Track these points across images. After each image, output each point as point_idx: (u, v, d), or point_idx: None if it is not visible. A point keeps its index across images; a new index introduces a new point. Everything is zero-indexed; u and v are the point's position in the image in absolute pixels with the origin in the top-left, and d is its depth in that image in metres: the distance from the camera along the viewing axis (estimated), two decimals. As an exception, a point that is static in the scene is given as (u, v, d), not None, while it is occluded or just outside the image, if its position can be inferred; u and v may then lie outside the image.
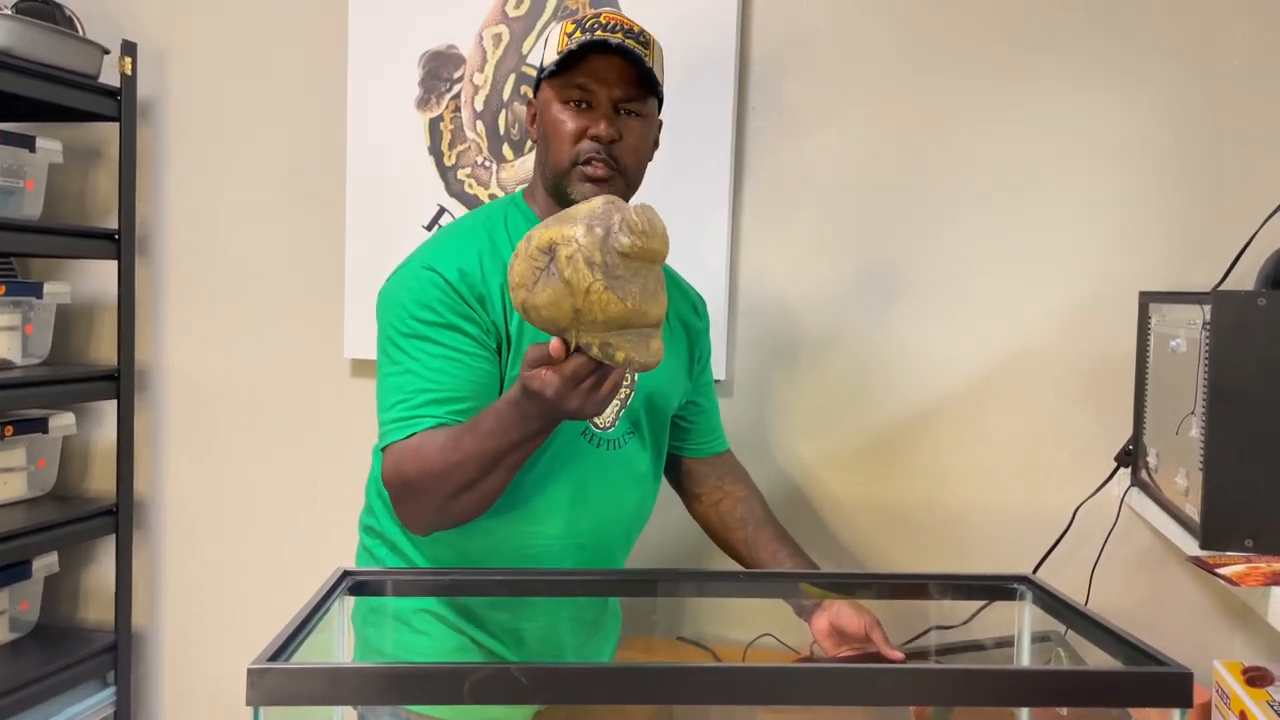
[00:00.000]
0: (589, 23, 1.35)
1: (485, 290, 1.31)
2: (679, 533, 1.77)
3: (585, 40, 1.32)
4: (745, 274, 1.97)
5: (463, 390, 1.28)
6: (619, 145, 1.35)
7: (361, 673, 0.92)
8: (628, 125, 1.36)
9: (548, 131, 1.36)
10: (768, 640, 1.85)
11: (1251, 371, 1.28)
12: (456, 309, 1.29)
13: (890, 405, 1.92)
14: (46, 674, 2.09)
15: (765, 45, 1.94)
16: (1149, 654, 0.92)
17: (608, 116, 1.34)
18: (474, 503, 1.25)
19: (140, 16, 2.28)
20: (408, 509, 1.28)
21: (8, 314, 2.17)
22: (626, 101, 1.35)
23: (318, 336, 2.20)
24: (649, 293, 0.98)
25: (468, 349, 1.29)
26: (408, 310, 1.30)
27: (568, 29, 1.36)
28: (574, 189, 1.35)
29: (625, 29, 1.35)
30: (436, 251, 1.35)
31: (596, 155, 1.34)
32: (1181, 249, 1.79)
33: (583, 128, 1.34)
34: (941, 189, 1.88)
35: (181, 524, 2.34)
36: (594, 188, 1.34)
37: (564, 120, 1.34)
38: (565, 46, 1.34)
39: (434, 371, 1.27)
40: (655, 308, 0.99)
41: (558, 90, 1.35)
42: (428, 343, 1.28)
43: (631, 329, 1.00)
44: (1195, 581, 1.79)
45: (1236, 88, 1.76)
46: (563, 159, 1.35)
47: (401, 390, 1.28)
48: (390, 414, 1.28)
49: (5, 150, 2.09)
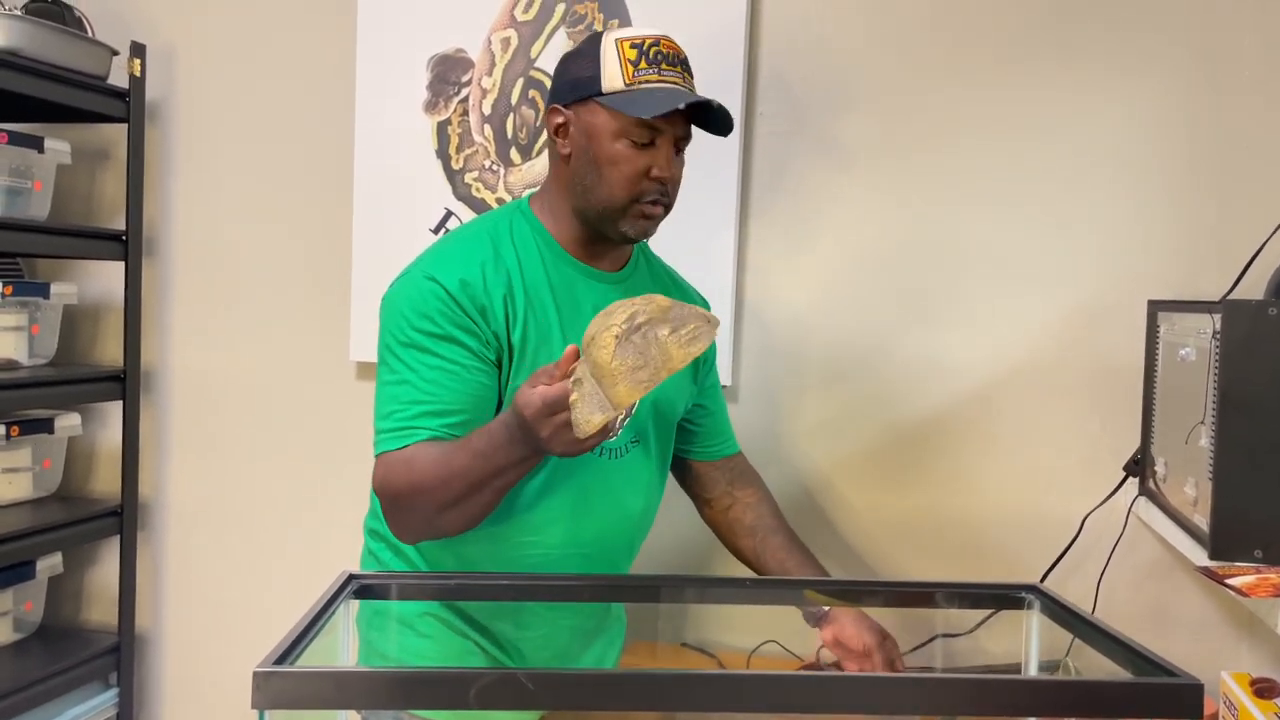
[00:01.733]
0: (651, 52, 1.32)
1: (488, 301, 1.31)
2: (684, 537, 1.77)
3: (660, 87, 1.30)
4: (752, 281, 1.96)
5: (458, 403, 1.28)
6: (674, 183, 1.36)
7: (367, 676, 0.92)
8: (680, 160, 1.37)
9: (602, 162, 1.33)
10: (771, 648, 1.85)
11: (1262, 381, 1.28)
12: (456, 320, 1.29)
13: (898, 413, 1.91)
14: (49, 675, 2.09)
15: (773, 53, 1.94)
16: (1159, 664, 0.92)
17: (670, 158, 1.34)
18: (461, 519, 1.26)
19: (150, 18, 2.29)
20: (396, 518, 1.29)
21: (14, 314, 2.17)
22: (682, 140, 1.36)
23: (323, 339, 2.20)
24: (638, 377, 1.08)
25: (465, 361, 1.29)
26: (407, 320, 1.30)
27: (629, 54, 1.31)
28: (628, 226, 1.34)
29: (682, 60, 1.35)
30: (439, 260, 1.34)
31: (660, 197, 1.34)
32: (1190, 258, 1.78)
33: (646, 167, 1.32)
34: (950, 197, 1.87)
35: (186, 526, 2.34)
36: (646, 224, 1.35)
37: (629, 157, 1.32)
38: (634, 80, 1.30)
39: (430, 383, 1.28)
40: (628, 388, 1.08)
41: (625, 126, 1.31)
42: (426, 354, 1.29)
43: (599, 406, 1.09)
44: (1201, 591, 1.78)
45: (1246, 96, 1.75)
46: (619, 195, 1.33)
47: (397, 400, 1.28)
48: (385, 423, 1.28)
49: (14, 151, 2.09)
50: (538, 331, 1.33)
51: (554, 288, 1.36)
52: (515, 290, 1.33)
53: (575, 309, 1.37)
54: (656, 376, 1.07)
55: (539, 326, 1.33)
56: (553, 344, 1.34)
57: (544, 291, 1.35)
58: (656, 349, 1.07)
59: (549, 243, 1.39)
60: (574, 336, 1.35)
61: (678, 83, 1.33)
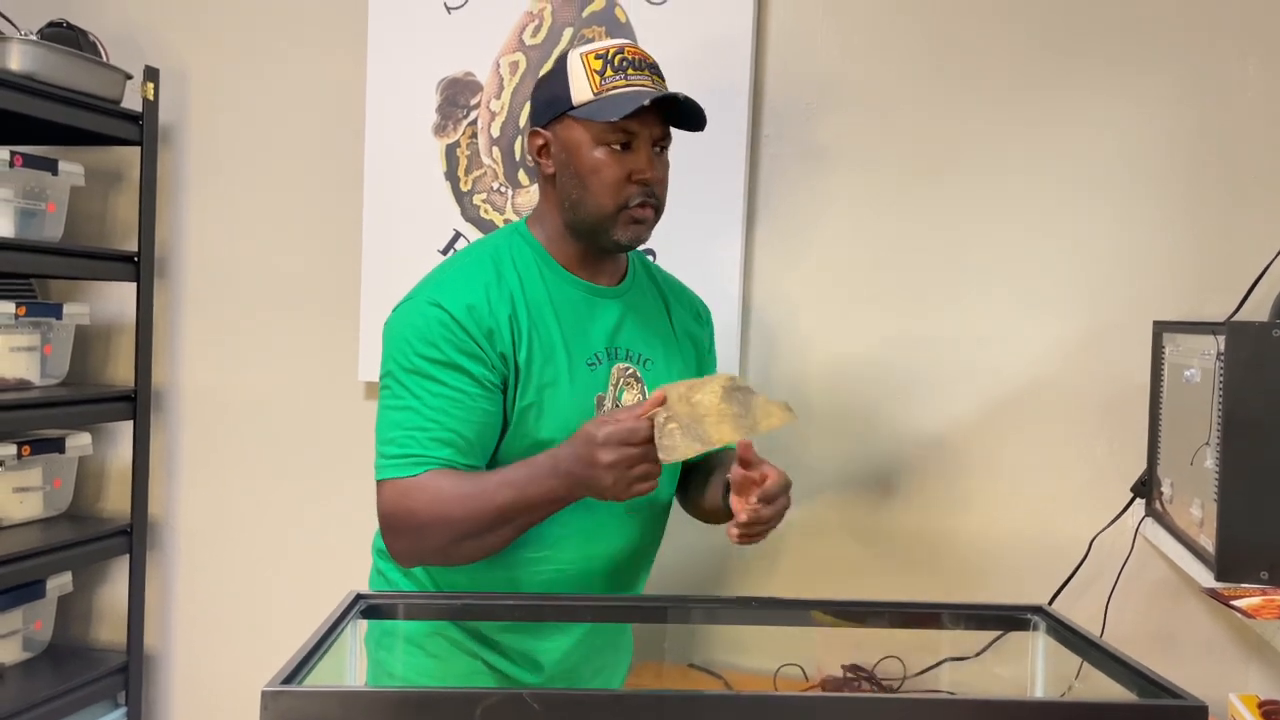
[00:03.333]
0: (615, 59, 1.34)
1: (494, 324, 1.32)
2: (691, 558, 1.77)
3: (626, 91, 1.32)
4: (758, 302, 1.97)
5: (463, 430, 1.29)
6: (658, 183, 1.37)
7: (375, 697, 0.93)
8: (661, 162, 1.38)
9: (584, 174, 1.35)
10: (791, 670, 1.84)
11: (1267, 402, 1.28)
12: (462, 347, 1.30)
13: (903, 434, 1.91)
14: (58, 694, 2.10)
15: (779, 72, 1.95)
16: (1164, 687, 0.92)
17: (652, 159, 1.35)
18: (477, 551, 1.28)
19: (163, 43, 2.31)
20: (406, 544, 1.30)
21: (27, 334, 2.19)
22: (661, 140, 1.37)
23: (333, 359, 2.21)
24: (740, 423, 1.21)
25: (469, 389, 1.30)
26: (412, 346, 1.31)
27: (594, 65, 1.34)
28: (620, 233, 1.36)
29: (649, 65, 1.36)
30: (443, 285, 1.35)
31: (647, 199, 1.35)
32: (1195, 279, 1.78)
33: (627, 172, 1.34)
34: (955, 216, 1.88)
35: (195, 545, 2.34)
36: (638, 229, 1.36)
37: (608, 163, 1.34)
38: (601, 88, 1.33)
39: (435, 410, 1.28)
40: (732, 428, 1.20)
41: (599, 134, 1.34)
42: (431, 380, 1.29)
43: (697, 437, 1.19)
44: (1209, 612, 1.78)
45: (1250, 118, 1.76)
46: (607, 203, 1.34)
47: (401, 425, 1.29)
48: (390, 448, 1.29)
49: (28, 173, 2.12)
50: (542, 350, 1.34)
51: (556, 306, 1.37)
52: (519, 311, 1.34)
53: (578, 325, 1.38)
54: (756, 427, 1.19)
55: (543, 345, 1.34)
56: (557, 362, 1.35)
57: (546, 310, 1.36)
58: (758, 405, 1.21)
59: (548, 262, 1.40)
60: (577, 353, 1.36)
61: (646, 85, 1.34)
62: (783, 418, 1.20)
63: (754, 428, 1.19)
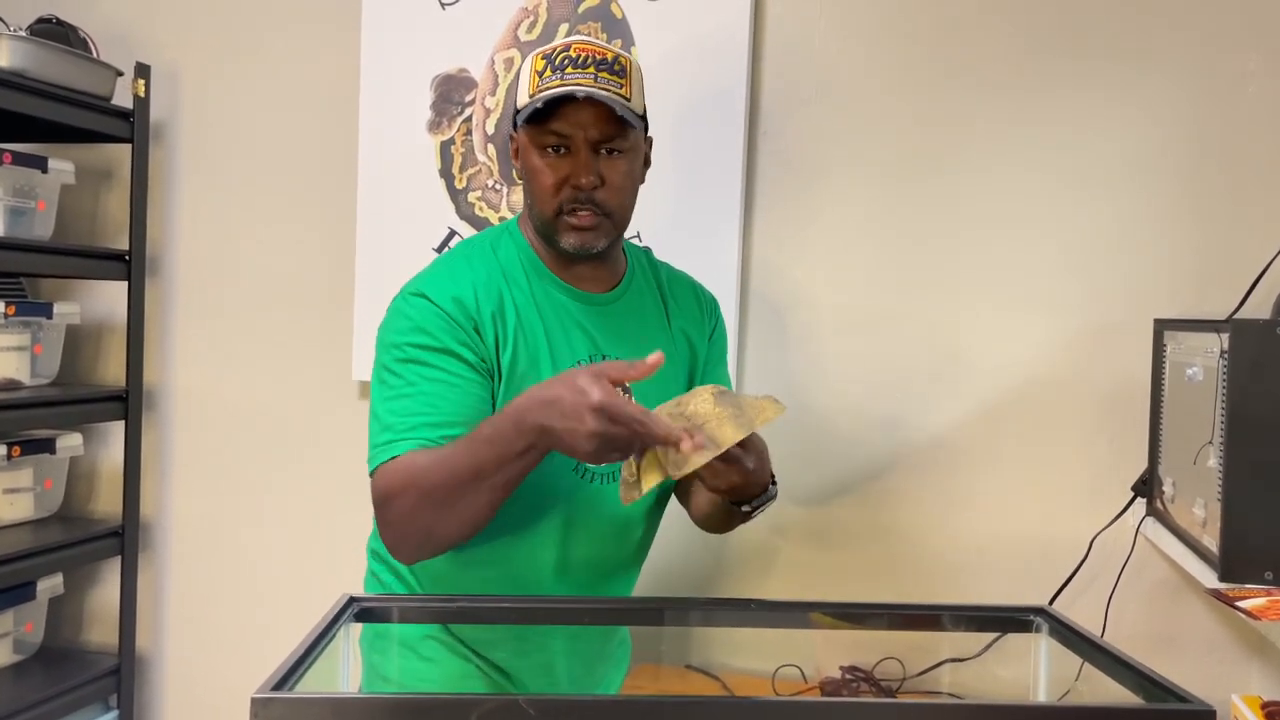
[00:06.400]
0: (558, 58, 1.29)
1: (479, 319, 1.30)
2: (687, 559, 1.76)
3: (554, 93, 1.26)
4: (755, 299, 1.96)
5: (457, 415, 1.25)
6: (602, 190, 1.30)
7: (366, 703, 0.91)
8: (610, 165, 1.30)
9: (527, 178, 1.33)
10: (790, 671, 1.83)
11: (1270, 401, 1.27)
12: (453, 334, 1.28)
13: (903, 433, 1.90)
14: (50, 696, 2.08)
15: (777, 68, 1.94)
16: (1169, 689, 0.90)
17: (587, 164, 1.28)
18: (456, 521, 1.20)
19: (154, 39, 2.30)
20: (393, 529, 1.24)
21: (17, 334, 2.17)
22: (606, 141, 1.29)
23: (326, 358, 2.20)
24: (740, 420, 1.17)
25: (463, 374, 1.27)
26: (404, 337, 1.28)
27: (537, 66, 1.30)
28: (562, 239, 1.32)
29: (597, 60, 1.28)
30: (430, 281, 1.33)
31: (580, 205, 1.30)
32: (1197, 276, 1.77)
33: (563, 177, 1.29)
34: (953, 215, 1.87)
35: (187, 546, 2.33)
36: (581, 236, 1.31)
37: (543, 169, 1.30)
38: (537, 89, 1.28)
39: (429, 396, 1.25)
40: (734, 429, 1.15)
41: (533, 137, 1.30)
42: (424, 366, 1.27)
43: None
44: (1211, 613, 1.77)
45: (1252, 115, 1.75)
46: (546, 209, 1.31)
47: (394, 414, 1.25)
48: (381, 437, 1.25)
49: (18, 171, 2.10)
50: (527, 354, 1.31)
51: (541, 310, 1.35)
52: (506, 311, 1.31)
53: (563, 332, 1.35)
54: (753, 424, 1.17)
55: (528, 350, 1.32)
56: (541, 367, 1.32)
57: (532, 314, 1.34)
58: (748, 404, 1.19)
59: (535, 264, 1.37)
60: (562, 360, 1.33)
61: (584, 83, 1.26)
62: (774, 410, 1.20)
63: (751, 424, 1.18)
